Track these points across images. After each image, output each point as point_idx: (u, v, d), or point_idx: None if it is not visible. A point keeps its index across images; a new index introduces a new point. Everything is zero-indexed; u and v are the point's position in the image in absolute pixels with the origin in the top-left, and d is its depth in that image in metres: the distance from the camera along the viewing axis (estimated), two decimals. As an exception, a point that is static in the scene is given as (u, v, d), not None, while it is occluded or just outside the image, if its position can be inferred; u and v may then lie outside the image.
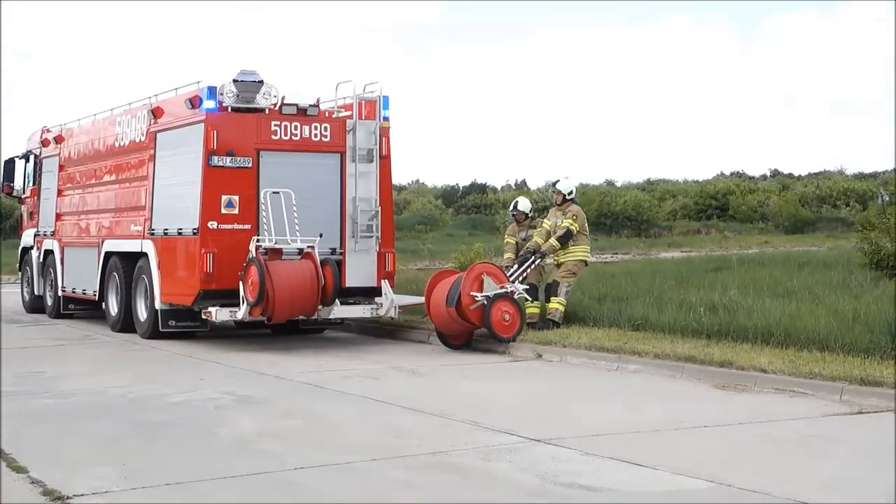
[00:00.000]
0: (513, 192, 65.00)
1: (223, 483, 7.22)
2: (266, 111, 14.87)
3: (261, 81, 14.73)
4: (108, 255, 17.20)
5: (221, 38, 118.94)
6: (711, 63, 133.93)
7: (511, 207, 16.09)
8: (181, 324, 15.44)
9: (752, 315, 13.33)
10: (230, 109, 14.74)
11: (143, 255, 15.98)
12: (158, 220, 15.73)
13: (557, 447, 8.19)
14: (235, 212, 14.62)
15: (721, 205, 64.28)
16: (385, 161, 15.45)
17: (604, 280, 18.87)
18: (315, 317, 14.59)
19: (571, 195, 15.33)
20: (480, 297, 13.80)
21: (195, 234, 14.63)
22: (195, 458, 7.94)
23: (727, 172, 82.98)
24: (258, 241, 14.13)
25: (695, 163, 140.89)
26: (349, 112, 15.42)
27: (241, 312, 14.10)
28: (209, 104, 14.60)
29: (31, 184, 21.46)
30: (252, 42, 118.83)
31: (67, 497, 6.83)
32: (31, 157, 21.41)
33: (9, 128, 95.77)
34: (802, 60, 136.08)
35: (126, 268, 16.59)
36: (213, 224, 14.54)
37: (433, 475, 7.42)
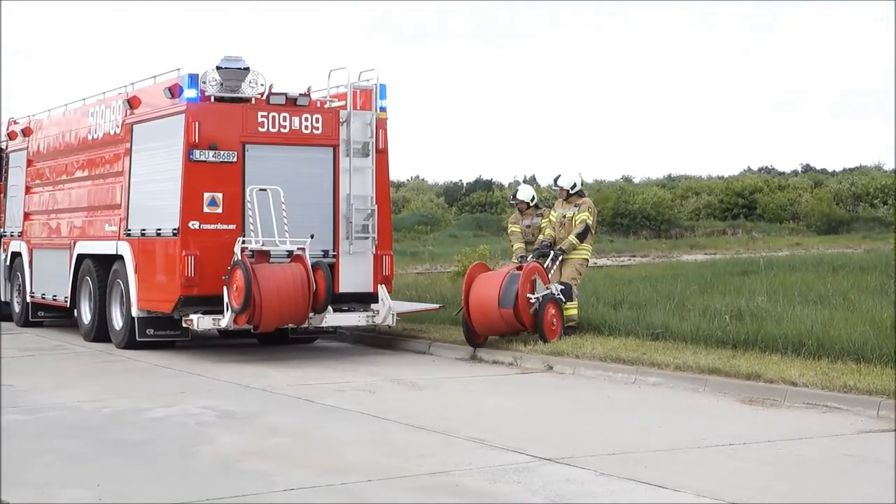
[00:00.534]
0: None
1: (206, 506, 7.23)
2: (252, 101, 14.87)
3: (246, 68, 14.70)
4: (81, 258, 17.23)
5: (221, 39, 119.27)
6: (737, 50, 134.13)
7: (512, 197, 16.68)
8: (160, 333, 15.45)
9: (782, 323, 13.35)
10: (213, 99, 14.74)
11: (119, 258, 16.00)
12: (135, 220, 15.74)
13: (570, 467, 8.20)
14: (219, 211, 14.63)
15: (748, 203, 64.26)
16: (382, 155, 15.46)
17: (620, 285, 18.91)
18: (306, 325, 14.61)
19: (575, 188, 15.45)
20: (535, 299, 14.28)
21: (175, 235, 14.65)
22: (175, 480, 7.96)
23: (755, 168, 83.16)
24: (244, 243, 14.15)
25: (720, 157, 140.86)
26: (343, 102, 15.41)
27: (226, 320, 14.11)
28: (190, 93, 14.60)
29: (-3, 180, 21.49)
30: (251, 42, 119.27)
31: (36, 521, 6.86)
32: (-3, 152, 21.44)
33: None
34: (836, 47, 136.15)
35: (100, 272, 16.61)
36: (195, 224, 14.55)
37: (435, 498, 7.42)
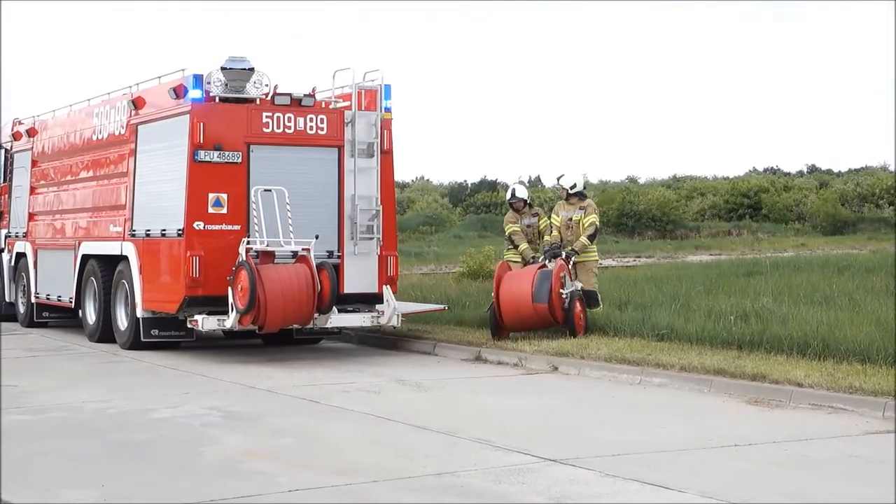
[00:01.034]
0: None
1: (210, 507, 7.23)
2: (257, 101, 14.88)
3: (251, 69, 14.71)
4: (86, 259, 17.23)
5: (225, 39, 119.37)
6: (741, 49, 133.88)
7: (508, 196, 16.62)
8: (165, 333, 15.47)
9: (787, 324, 13.34)
10: (218, 99, 14.75)
11: (124, 259, 16.01)
12: (140, 221, 15.75)
13: (575, 468, 8.20)
14: (224, 211, 14.64)
15: (753, 204, 64.23)
16: (387, 156, 15.45)
17: (625, 286, 18.90)
18: (310, 326, 14.60)
19: (574, 188, 15.62)
20: (565, 294, 14.67)
21: (180, 236, 14.65)
22: (179, 481, 7.96)
23: (760, 168, 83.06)
24: (249, 244, 14.15)
25: (725, 158, 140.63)
26: (347, 102, 15.40)
27: (230, 321, 14.12)
28: (195, 94, 14.62)
29: (2, 181, 21.51)
30: (256, 42, 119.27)
31: (41, 522, 6.87)
32: (2, 152, 21.46)
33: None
34: (842, 46, 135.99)
35: (105, 272, 16.61)
36: (200, 225, 14.56)
37: (440, 498, 7.42)
